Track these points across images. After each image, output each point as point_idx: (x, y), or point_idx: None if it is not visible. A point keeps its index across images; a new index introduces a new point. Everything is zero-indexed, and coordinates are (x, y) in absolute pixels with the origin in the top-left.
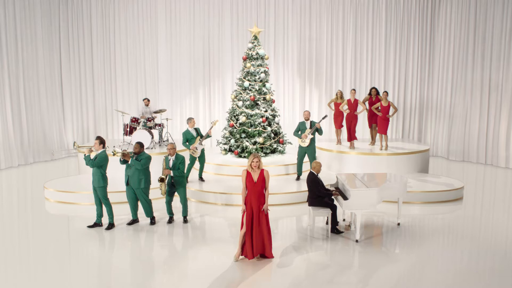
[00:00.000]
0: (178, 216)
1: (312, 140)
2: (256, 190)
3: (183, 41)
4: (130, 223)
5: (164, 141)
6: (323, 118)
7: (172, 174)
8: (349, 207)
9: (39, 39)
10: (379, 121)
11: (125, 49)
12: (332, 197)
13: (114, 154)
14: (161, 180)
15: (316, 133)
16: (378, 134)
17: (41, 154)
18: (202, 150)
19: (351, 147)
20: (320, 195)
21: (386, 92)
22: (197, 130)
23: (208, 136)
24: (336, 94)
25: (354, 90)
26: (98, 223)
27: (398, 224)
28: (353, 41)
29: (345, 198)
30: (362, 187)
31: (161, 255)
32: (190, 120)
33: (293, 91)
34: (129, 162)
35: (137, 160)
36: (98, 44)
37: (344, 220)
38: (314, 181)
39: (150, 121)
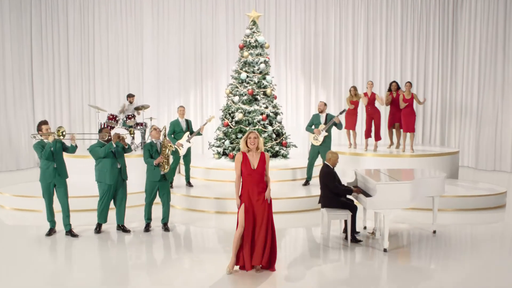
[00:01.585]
0: (154, 224)
1: (327, 138)
2: (256, 179)
3: (172, 32)
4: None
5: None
6: (341, 113)
7: (174, 148)
8: (374, 206)
9: (6, 33)
10: (404, 117)
11: (105, 45)
12: (352, 196)
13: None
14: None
15: (334, 128)
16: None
17: (6, 163)
18: (188, 149)
19: (375, 149)
20: (337, 191)
21: (409, 83)
22: (188, 122)
23: (199, 133)
24: (350, 91)
25: (371, 82)
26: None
27: (434, 232)
28: (365, 35)
29: (368, 195)
30: (391, 181)
31: (135, 268)
32: (179, 108)
33: (296, 92)
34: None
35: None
36: (75, 39)
37: (365, 228)
38: (328, 174)
39: (130, 118)
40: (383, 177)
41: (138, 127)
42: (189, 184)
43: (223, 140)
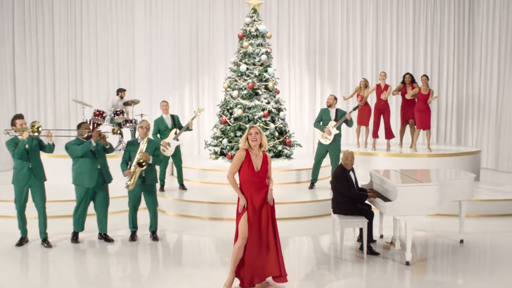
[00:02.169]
0: (141, 232)
1: (337, 136)
2: (259, 184)
3: (166, 21)
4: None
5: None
6: (354, 109)
7: (150, 161)
8: (395, 212)
9: None
10: (419, 113)
11: (94, 36)
12: (368, 201)
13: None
14: (140, 164)
15: (343, 126)
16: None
17: None
18: (177, 148)
19: (388, 149)
20: (350, 195)
21: (425, 76)
22: (174, 118)
23: (188, 129)
24: (360, 83)
25: (384, 72)
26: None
27: (461, 241)
28: (374, 25)
29: (386, 200)
30: (414, 183)
31: (117, 283)
32: (162, 103)
33: (300, 87)
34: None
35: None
36: (61, 30)
37: (382, 236)
38: (339, 176)
39: (118, 114)
40: (404, 178)
41: (128, 125)
42: (182, 187)
43: (221, 139)
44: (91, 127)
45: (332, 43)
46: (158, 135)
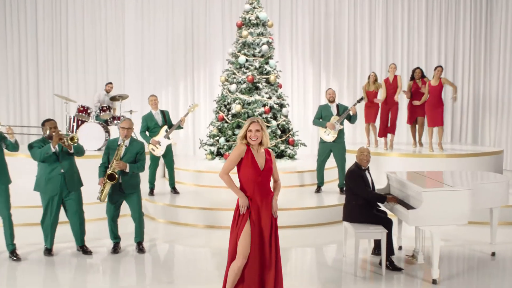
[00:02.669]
0: (127, 242)
1: (341, 133)
2: (264, 186)
3: (158, 11)
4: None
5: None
6: (358, 101)
7: (127, 170)
8: (420, 221)
9: None
10: (431, 108)
11: (80, 27)
12: (384, 206)
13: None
14: (110, 177)
15: (346, 122)
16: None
17: None
18: (169, 147)
19: (390, 147)
20: (366, 196)
21: (440, 67)
22: (164, 114)
23: (179, 126)
24: (368, 78)
25: (394, 64)
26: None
27: (493, 254)
28: (384, 16)
29: (408, 206)
30: (443, 187)
31: None
32: (150, 97)
33: (304, 82)
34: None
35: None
36: (46, 21)
37: (400, 248)
38: (355, 174)
39: (105, 111)
40: (429, 182)
41: (115, 122)
42: (174, 190)
43: (217, 138)
44: (74, 124)
45: (338, 34)
46: (147, 133)
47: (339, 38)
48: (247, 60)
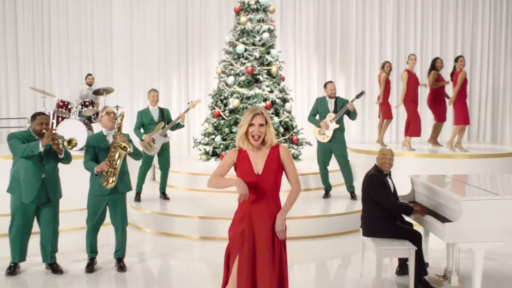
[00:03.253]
0: (105, 258)
1: (338, 131)
2: (261, 196)
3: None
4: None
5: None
6: (358, 96)
7: (130, 149)
8: (459, 237)
9: None
10: (455, 106)
11: (64, 16)
12: (411, 217)
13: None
14: (123, 148)
15: (346, 118)
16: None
17: None
18: (165, 147)
19: (408, 146)
20: (389, 206)
21: (462, 57)
22: (163, 111)
23: (179, 125)
24: (383, 67)
25: (413, 55)
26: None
27: None
28: (395, 3)
29: (443, 219)
30: (487, 195)
31: None
32: (148, 92)
33: (308, 76)
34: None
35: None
36: (25, 10)
37: (427, 264)
38: (376, 180)
39: (87, 106)
40: (468, 188)
41: (99, 119)
42: (164, 195)
43: (213, 136)
44: (54, 121)
45: (345, 23)
46: (141, 129)
47: (346, 27)
48: (246, 50)
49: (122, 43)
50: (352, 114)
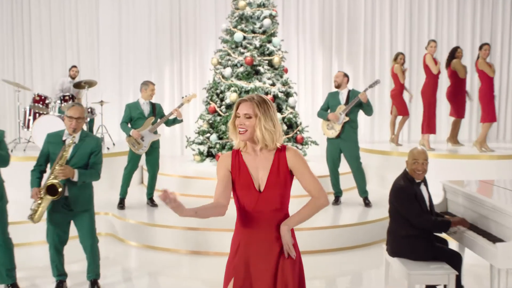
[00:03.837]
0: (77, 279)
1: (349, 126)
2: (261, 215)
3: None
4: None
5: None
6: (372, 85)
7: (75, 179)
8: None
9: None
10: (482, 101)
11: (46, 6)
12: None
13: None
14: (51, 190)
15: (360, 112)
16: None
17: None
18: (154, 145)
19: (427, 146)
20: (422, 224)
21: (487, 45)
22: (154, 106)
23: (176, 120)
24: (396, 59)
25: (434, 41)
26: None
27: None
28: None
29: (489, 236)
30: None
31: None
32: (144, 85)
33: (312, 68)
34: None
35: None
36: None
37: None
38: (405, 192)
39: (67, 100)
40: None
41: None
42: (151, 202)
43: (208, 134)
44: (30, 118)
45: (352, 11)
46: (129, 124)
47: (354, 16)
48: (245, 38)
49: (109, 32)
50: (366, 107)
